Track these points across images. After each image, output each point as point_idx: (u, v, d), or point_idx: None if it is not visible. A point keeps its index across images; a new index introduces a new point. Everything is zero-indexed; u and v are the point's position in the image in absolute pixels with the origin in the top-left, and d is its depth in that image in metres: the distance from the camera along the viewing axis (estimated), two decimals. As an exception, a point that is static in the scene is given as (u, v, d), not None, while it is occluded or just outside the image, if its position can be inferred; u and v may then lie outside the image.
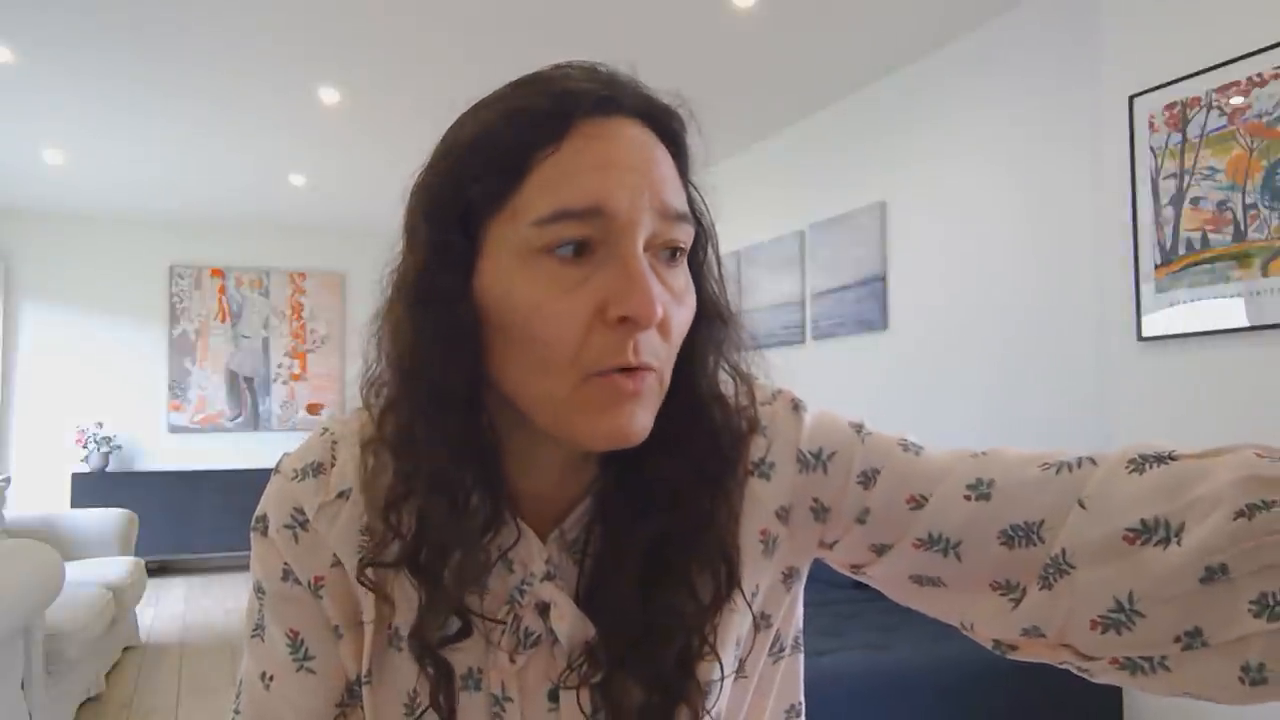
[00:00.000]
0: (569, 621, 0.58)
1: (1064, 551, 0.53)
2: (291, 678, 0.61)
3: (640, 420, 0.53)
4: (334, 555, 0.60)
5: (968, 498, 0.57)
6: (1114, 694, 2.53)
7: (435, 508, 0.55)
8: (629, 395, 0.52)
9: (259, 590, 0.63)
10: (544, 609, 0.59)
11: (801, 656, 0.71)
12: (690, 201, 0.58)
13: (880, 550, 0.61)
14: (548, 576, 0.59)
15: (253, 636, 0.64)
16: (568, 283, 0.51)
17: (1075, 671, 0.56)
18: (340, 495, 0.60)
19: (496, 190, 0.52)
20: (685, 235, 0.55)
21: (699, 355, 0.59)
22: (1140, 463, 0.53)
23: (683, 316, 0.55)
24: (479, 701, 0.59)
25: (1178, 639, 0.49)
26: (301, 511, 0.61)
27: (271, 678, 0.62)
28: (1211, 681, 0.49)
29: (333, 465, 0.62)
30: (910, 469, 0.60)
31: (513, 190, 0.52)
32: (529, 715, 0.59)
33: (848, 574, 0.66)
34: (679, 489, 0.58)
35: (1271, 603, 0.46)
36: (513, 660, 0.59)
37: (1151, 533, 0.50)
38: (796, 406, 0.65)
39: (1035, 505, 0.55)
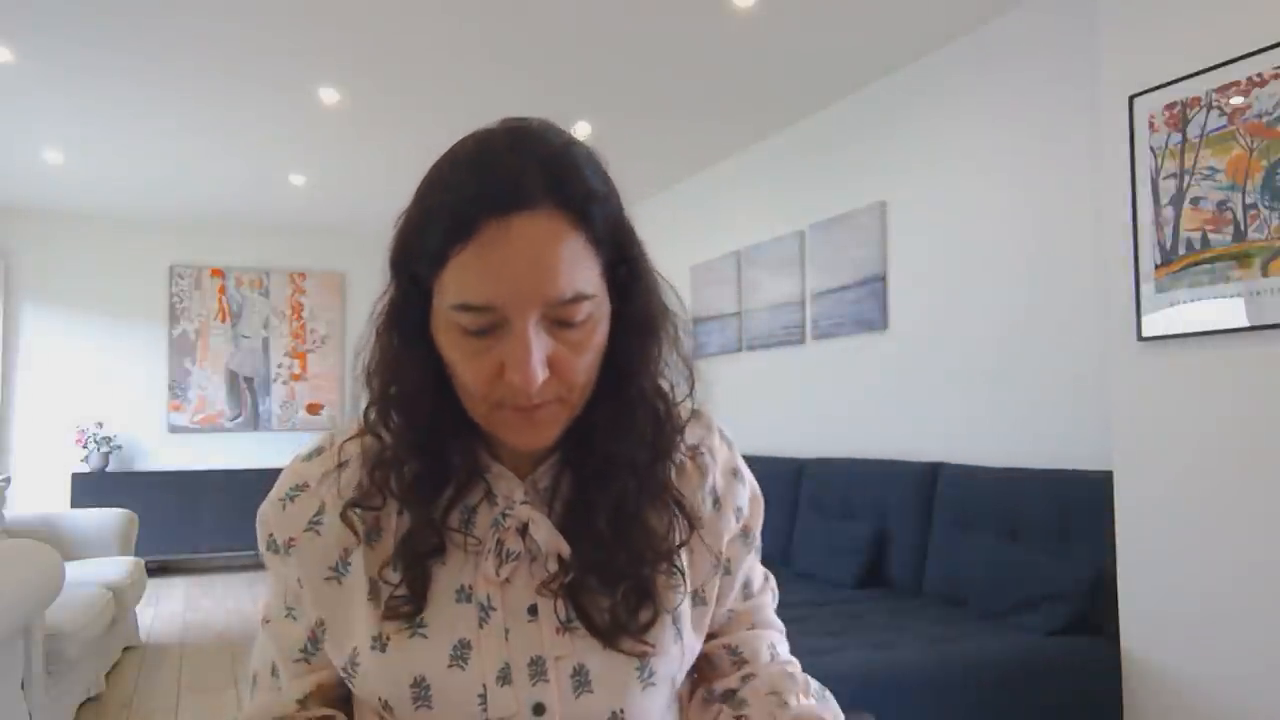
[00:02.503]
0: (545, 531, 0.71)
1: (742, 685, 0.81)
2: (281, 621, 0.77)
3: (545, 434, 0.68)
4: (309, 519, 0.73)
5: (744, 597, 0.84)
6: (1114, 694, 2.53)
7: (414, 449, 0.70)
8: (527, 422, 0.67)
9: (262, 556, 0.77)
10: (523, 529, 0.71)
11: None
12: (617, 246, 0.68)
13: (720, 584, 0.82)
14: (525, 502, 0.72)
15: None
16: (476, 349, 0.65)
17: None
18: (340, 466, 0.74)
19: (428, 270, 0.66)
20: (578, 312, 0.65)
21: (639, 360, 0.72)
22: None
23: (583, 360, 0.67)
24: (469, 611, 0.70)
25: None
26: (303, 484, 0.74)
27: (268, 621, 0.78)
28: None
29: (333, 447, 0.76)
30: (752, 563, 0.84)
31: (437, 273, 0.65)
32: (511, 624, 0.70)
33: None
34: (634, 459, 0.71)
35: None
36: (497, 574, 0.70)
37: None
38: (722, 434, 0.82)
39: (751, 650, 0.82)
